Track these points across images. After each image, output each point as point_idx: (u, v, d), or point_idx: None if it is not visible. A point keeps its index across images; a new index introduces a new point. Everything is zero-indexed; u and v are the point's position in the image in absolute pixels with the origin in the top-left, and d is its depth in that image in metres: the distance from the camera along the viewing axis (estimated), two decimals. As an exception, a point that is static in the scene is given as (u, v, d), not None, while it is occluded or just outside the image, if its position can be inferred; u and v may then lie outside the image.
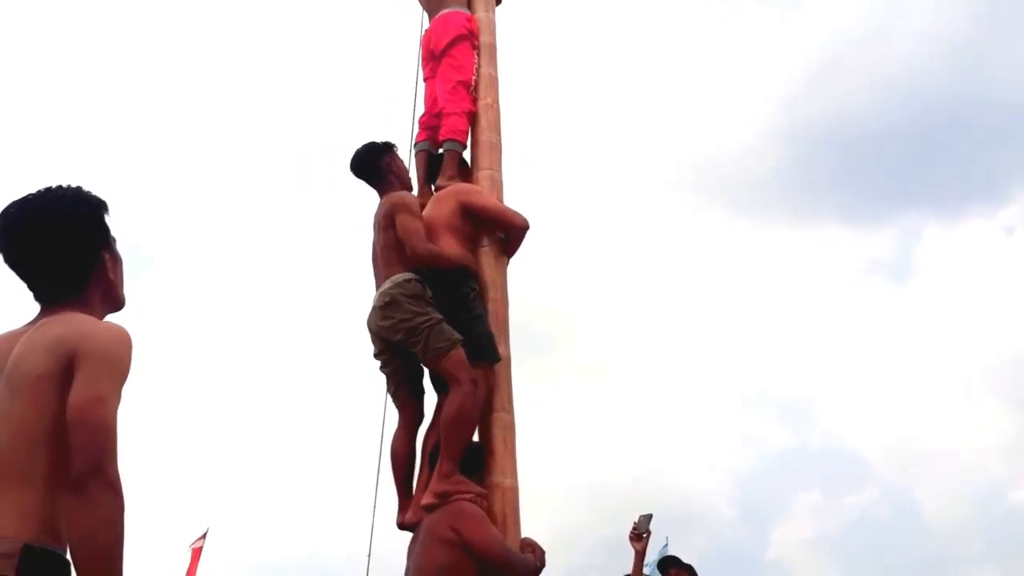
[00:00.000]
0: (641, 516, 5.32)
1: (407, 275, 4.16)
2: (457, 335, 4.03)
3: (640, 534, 5.46)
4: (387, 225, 4.29)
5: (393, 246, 4.26)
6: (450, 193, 4.47)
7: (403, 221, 4.23)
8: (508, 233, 4.48)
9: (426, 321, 4.03)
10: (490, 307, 4.32)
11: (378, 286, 4.27)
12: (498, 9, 5.17)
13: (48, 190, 2.17)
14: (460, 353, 4.00)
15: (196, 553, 10.92)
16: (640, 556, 5.59)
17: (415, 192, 4.64)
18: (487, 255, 4.45)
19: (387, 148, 4.56)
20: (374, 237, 4.41)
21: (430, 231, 4.28)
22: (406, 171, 4.59)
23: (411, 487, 4.18)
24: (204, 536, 11.06)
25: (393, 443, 4.29)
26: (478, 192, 4.50)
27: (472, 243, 4.42)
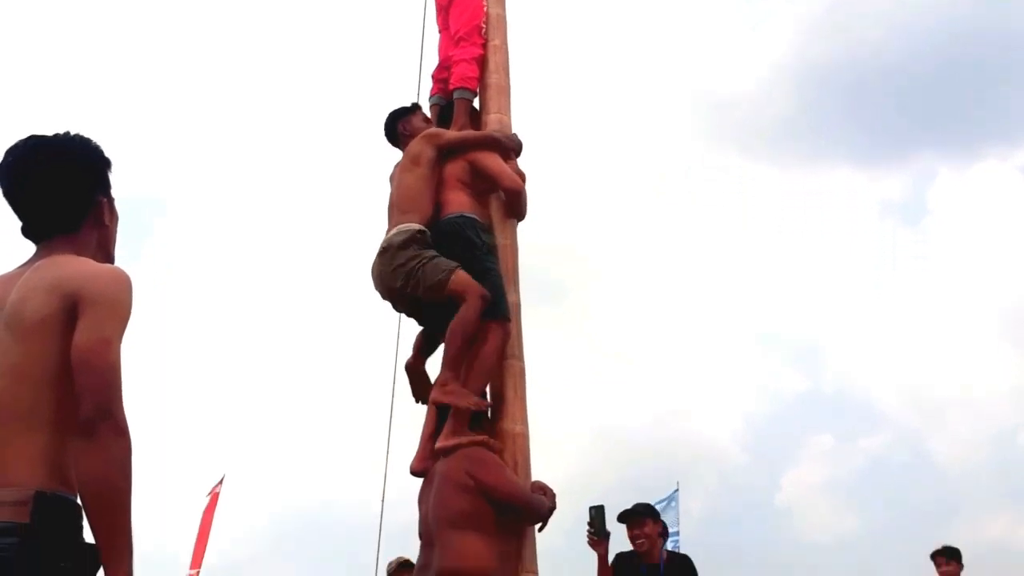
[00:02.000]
0: (592, 511, 4.32)
1: (412, 226, 4.18)
2: (454, 263, 4.04)
3: (598, 537, 4.97)
4: (418, 163, 4.33)
5: (407, 194, 4.30)
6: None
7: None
8: (502, 192, 4.44)
9: (419, 261, 4.06)
10: (500, 254, 4.31)
11: (390, 223, 4.32)
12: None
13: (58, 133, 2.19)
14: (462, 275, 4.01)
15: (213, 498, 11.10)
16: (603, 559, 5.25)
17: None
18: (497, 202, 4.45)
19: (402, 113, 4.69)
20: (391, 188, 4.48)
21: (443, 184, 4.34)
22: (421, 128, 4.61)
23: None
24: (221, 482, 11.23)
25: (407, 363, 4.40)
26: (441, 135, 4.46)
27: (483, 197, 4.41)
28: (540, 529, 4.00)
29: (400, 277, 4.10)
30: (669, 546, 9.94)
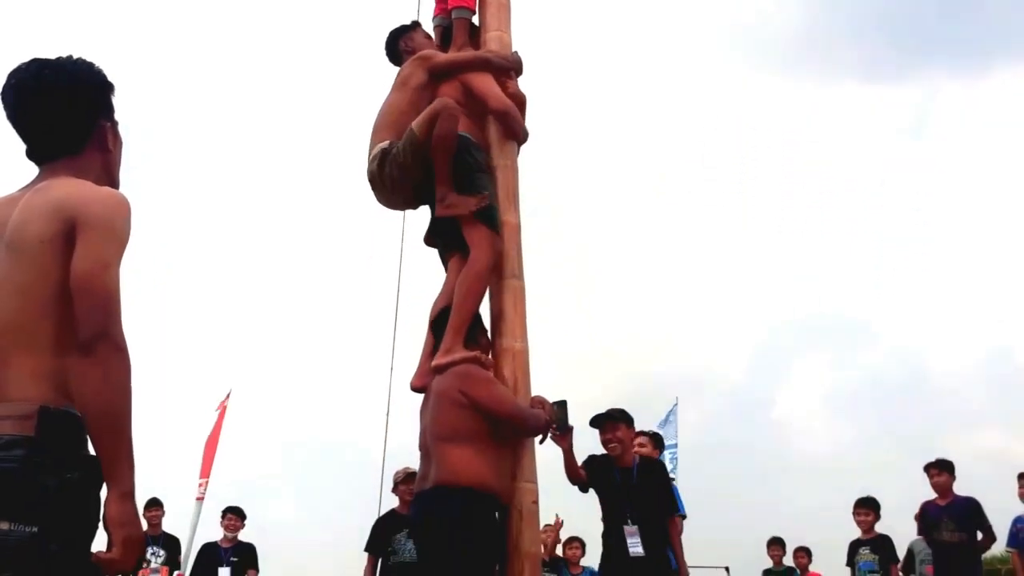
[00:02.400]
0: (554, 406, 4.17)
1: (376, 148, 4.25)
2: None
3: (561, 432, 4.76)
4: (407, 83, 4.36)
5: (387, 114, 4.33)
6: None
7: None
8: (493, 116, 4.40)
9: (392, 166, 4.15)
10: (500, 174, 4.31)
11: (370, 148, 4.34)
12: None
13: (61, 56, 2.19)
14: (417, 119, 4.07)
15: (221, 412, 11.31)
16: (568, 452, 5.17)
17: None
18: (496, 123, 4.40)
19: (403, 30, 4.66)
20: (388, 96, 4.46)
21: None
22: (426, 44, 4.60)
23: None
24: (228, 396, 11.43)
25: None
26: (432, 57, 4.43)
27: (478, 118, 4.37)
28: (540, 442, 4.11)
29: (392, 186, 4.22)
30: (667, 457, 10.21)
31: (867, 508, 7.74)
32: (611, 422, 5.45)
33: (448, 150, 4.03)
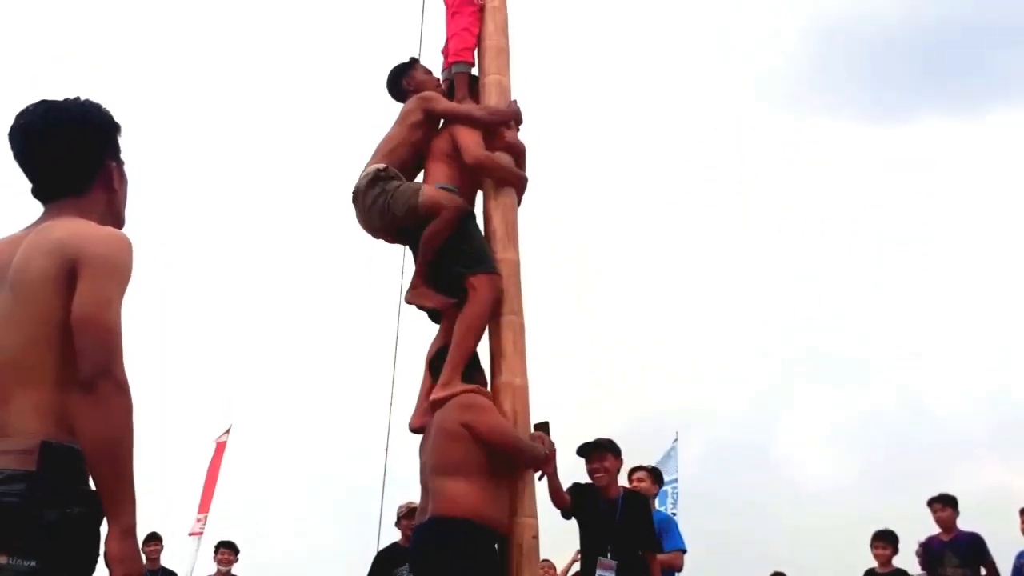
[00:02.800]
0: (536, 428, 4.10)
1: (369, 168, 4.39)
2: (418, 183, 4.33)
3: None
4: (405, 120, 4.51)
5: (384, 143, 4.48)
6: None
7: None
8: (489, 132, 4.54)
9: (385, 195, 4.29)
10: (499, 212, 4.37)
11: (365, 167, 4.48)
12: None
13: (69, 98, 2.23)
14: (428, 190, 4.27)
15: (220, 447, 11.27)
16: (553, 476, 4.75)
17: None
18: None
19: (403, 69, 4.80)
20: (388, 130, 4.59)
21: (428, 155, 4.50)
22: (427, 81, 4.73)
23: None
24: (228, 431, 11.40)
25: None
26: (432, 100, 4.56)
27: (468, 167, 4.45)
28: (539, 478, 4.11)
29: (376, 216, 4.33)
30: (668, 492, 10.16)
31: (885, 541, 7.60)
32: (598, 452, 5.42)
33: (434, 247, 4.19)
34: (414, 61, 4.83)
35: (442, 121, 4.58)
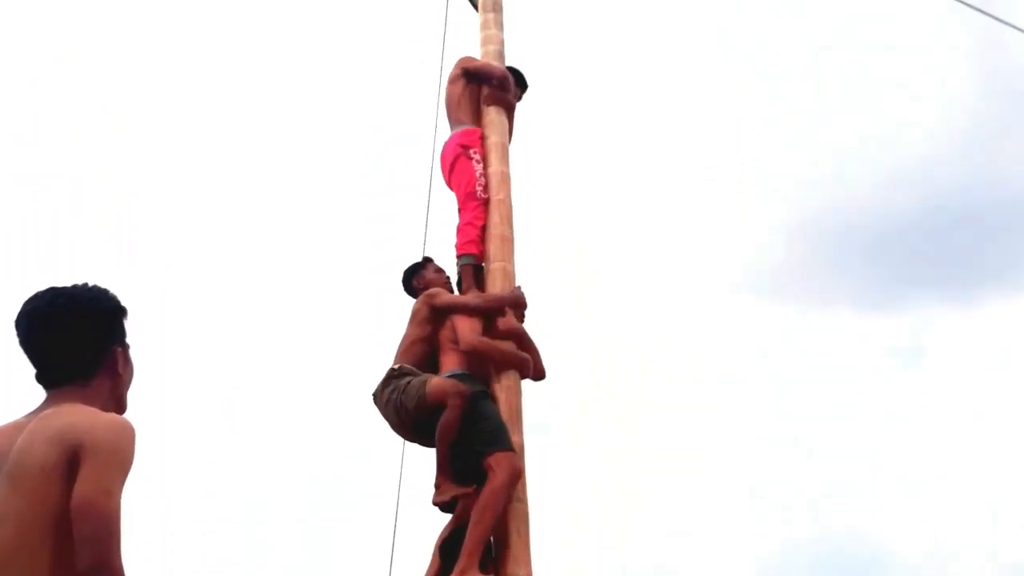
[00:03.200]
0: None
1: (393, 367, 4.59)
2: (427, 374, 4.47)
3: None
4: (414, 319, 4.76)
5: (400, 344, 4.71)
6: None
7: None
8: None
9: (398, 392, 4.45)
10: (502, 394, 4.45)
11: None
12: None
13: (76, 284, 2.29)
14: (436, 380, 4.39)
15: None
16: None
17: None
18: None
19: (415, 269, 5.11)
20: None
21: (439, 348, 4.69)
22: (435, 279, 5.00)
23: None
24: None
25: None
26: (435, 296, 4.79)
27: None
28: None
29: (392, 413, 4.48)
30: None
31: None
32: None
33: (447, 439, 4.28)
34: (427, 260, 5.13)
35: None
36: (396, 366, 4.58)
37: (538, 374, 4.77)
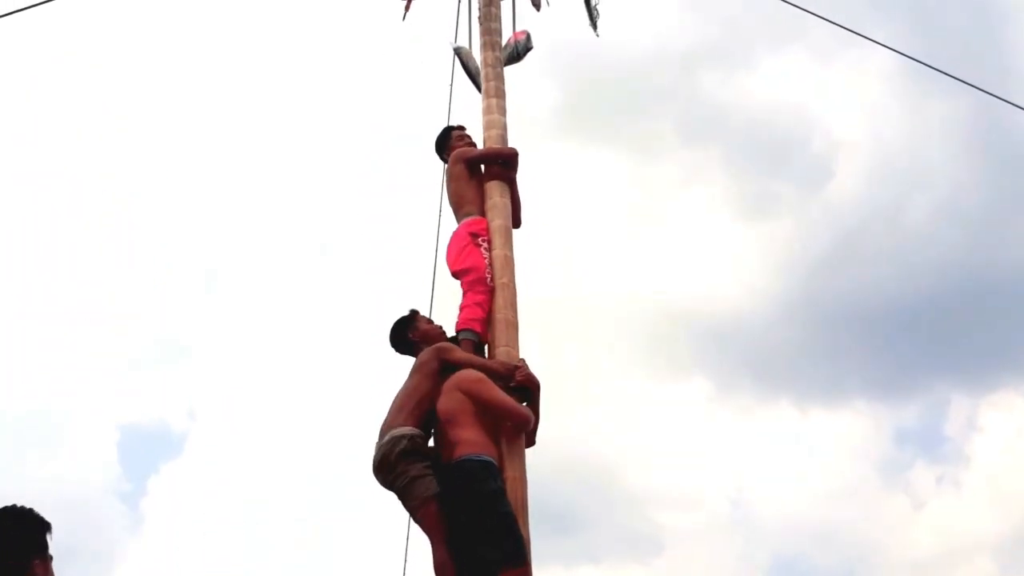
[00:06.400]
0: None
1: (404, 431, 4.52)
2: (430, 492, 4.36)
3: None
4: (422, 370, 4.71)
5: (404, 395, 4.67)
6: (451, 384, 4.66)
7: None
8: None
9: (405, 479, 4.43)
10: (508, 486, 4.35)
11: (383, 428, 4.63)
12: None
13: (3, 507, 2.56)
14: (432, 513, 4.33)
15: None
16: None
17: None
18: (503, 433, 4.53)
19: (406, 322, 5.11)
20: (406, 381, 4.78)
21: (449, 422, 4.53)
22: (432, 330, 5.03)
23: None
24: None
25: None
26: (448, 350, 4.79)
27: (491, 429, 4.52)
28: None
29: (392, 487, 4.52)
30: None
31: None
32: None
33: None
34: (414, 313, 5.14)
35: None
36: (417, 434, 4.52)
37: (529, 441, 4.70)
